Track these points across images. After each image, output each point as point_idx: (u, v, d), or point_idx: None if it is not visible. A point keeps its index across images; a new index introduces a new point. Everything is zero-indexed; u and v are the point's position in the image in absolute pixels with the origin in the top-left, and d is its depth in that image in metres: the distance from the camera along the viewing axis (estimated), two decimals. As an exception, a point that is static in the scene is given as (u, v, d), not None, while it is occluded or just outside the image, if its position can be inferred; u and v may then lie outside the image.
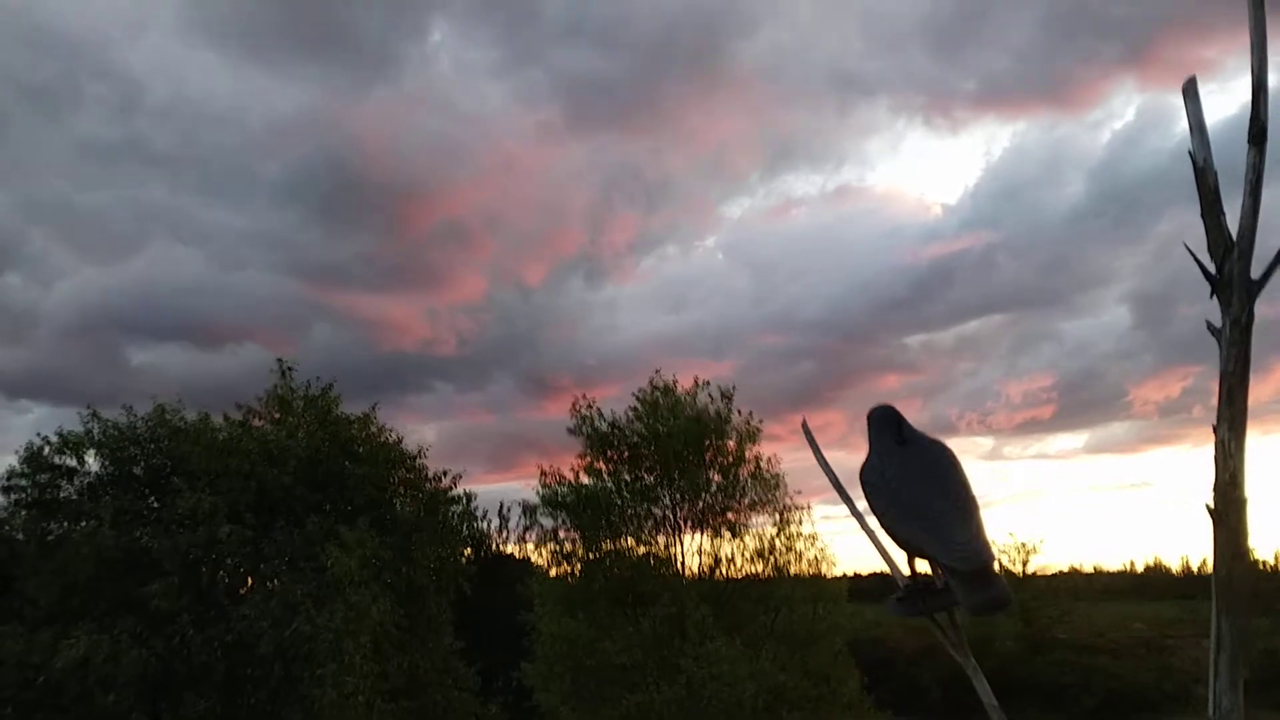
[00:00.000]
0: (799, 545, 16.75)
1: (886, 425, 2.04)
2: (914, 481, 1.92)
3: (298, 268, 51.22)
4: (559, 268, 55.72)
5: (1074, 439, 68.27)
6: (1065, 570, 27.21)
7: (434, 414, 48.19)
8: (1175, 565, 45.76)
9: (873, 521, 2.02)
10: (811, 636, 15.68)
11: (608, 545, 16.99)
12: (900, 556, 2.03)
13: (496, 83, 52.81)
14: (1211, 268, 1.69)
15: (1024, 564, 25.67)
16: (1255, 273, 1.70)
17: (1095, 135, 55.83)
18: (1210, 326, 1.71)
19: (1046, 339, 55.67)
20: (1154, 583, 41.88)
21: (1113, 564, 46.93)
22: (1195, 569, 44.46)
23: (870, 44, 53.04)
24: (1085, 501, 60.12)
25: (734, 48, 52.66)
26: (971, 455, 69.08)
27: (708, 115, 53.28)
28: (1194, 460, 59.53)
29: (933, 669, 21.38)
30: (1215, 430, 1.68)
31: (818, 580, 16.65)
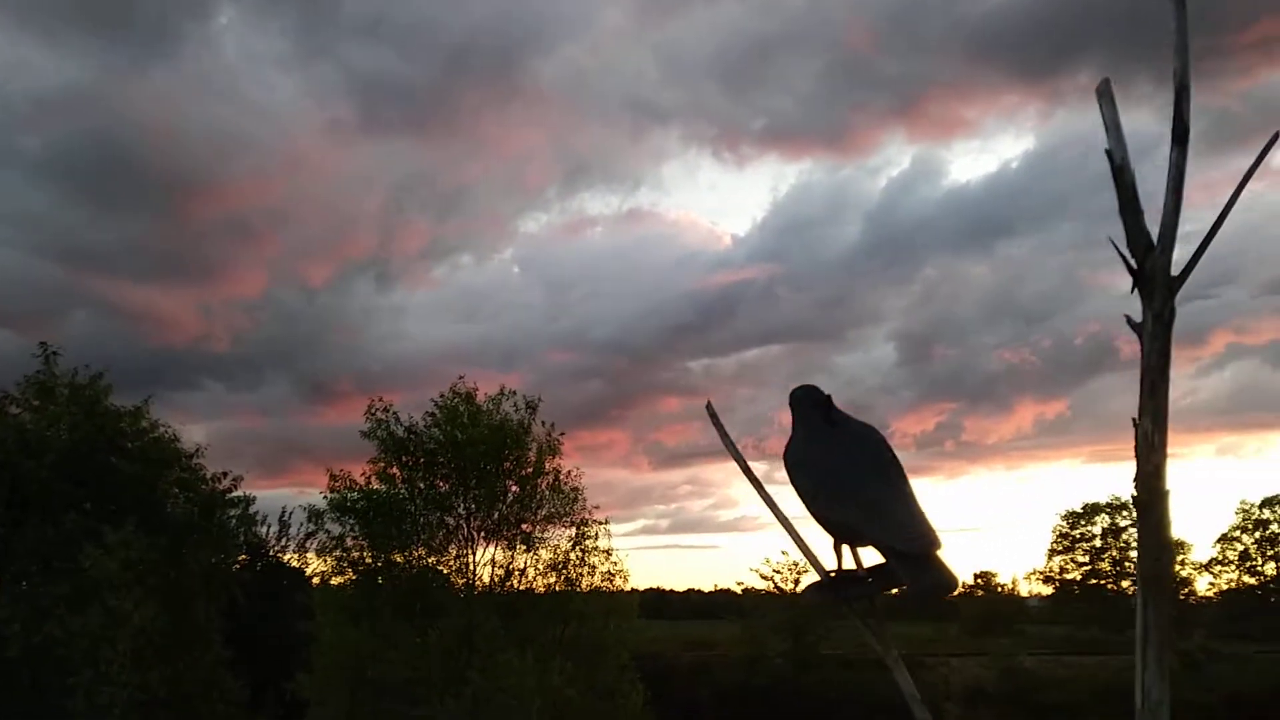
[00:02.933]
0: (593, 559, 16.78)
1: (813, 405, 1.95)
2: (848, 463, 1.82)
3: (56, 250, 47.13)
4: (346, 270, 53.96)
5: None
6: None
7: (203, 413, 45.44)
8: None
9: (790, 507, 1.96)
10: (600, 651, 15.70)
11: (397, 554, 16.46)
12: (820, 543, 1.95)
13: (286, 75, 50.73)
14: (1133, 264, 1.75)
15: (795, 582, 26.77)
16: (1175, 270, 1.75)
17: (873, 180, 59.57)
18: (1130, 321, 1.72)
19: (821, 370, 58.56)
20: (911, 605, 44.73)
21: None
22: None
23: (666, 74, 54.59)
24: (850, 525, 63.29)
25: (533, 64, 52.91)
26: (746, 479, 71.71)
27: (505, 128, 53.19)
28: (946, 490, 63.75)
29: (709, 684, 21.91)
30: (1136, 423, 1.66)
31: (610, 594, 16.71)
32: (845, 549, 1.87)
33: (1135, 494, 1.66)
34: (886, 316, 59.44)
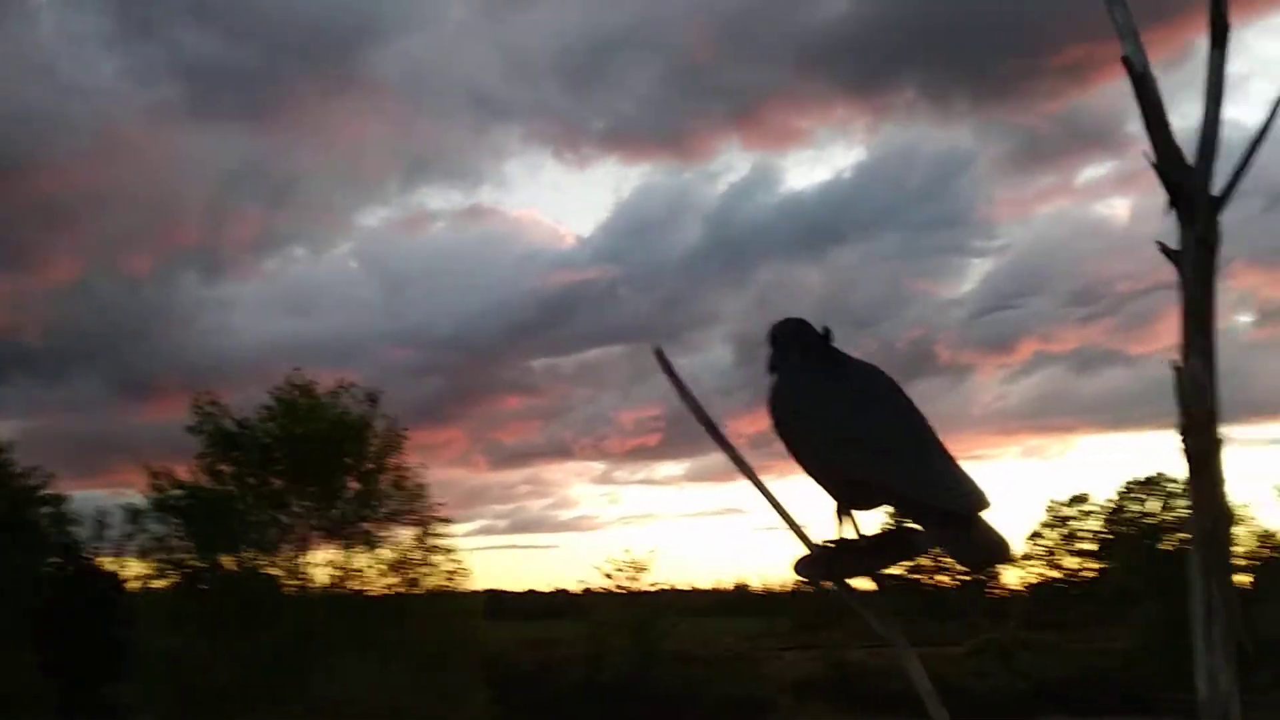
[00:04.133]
0: (436, 559, 16.37)
1: (806, 340, 1.63)
2: (864, 407, 1.51)
3: None
4: (170, 260, 50.92)
5: (677, 466, 72.88)
6: (669, 588, 28.87)
7: (12, 410, 41.99)
8: (757, 584, 50.31)
9: (784, 469, 1.65)
10: (443, 652, 15.33)
11: (227, 555, 15.63)
12: (806, 509, 1.68)
13: (107, 54, 47.53)
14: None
15: (636, 580, 26.91)
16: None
17: (713, 185, 60.44)
18: (1165, 250, 1.54)
19: (659, 371, 58.90)
20: (740, 600, 45.72)
21: (706, 582, 50.57)
22: (774, 588, 49.23)
23: (507, 70, 54.03)
24: (686, 525, 64.44)
25: (371, 54, 51.41)
26: (585, 478, 71.69)
27: (341, 118, 51.45)
28: (779, 488, 65.41)
29: (552, 684, 21.76)
30: (1181, 365, 1.49)
31: (453, 595, 16.36)
32: (848, 516, 1.58)
33: (1184, 446, 1.47)
34: (724, 319, 60.49)
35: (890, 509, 1.50)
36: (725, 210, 53.10)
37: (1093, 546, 35.87)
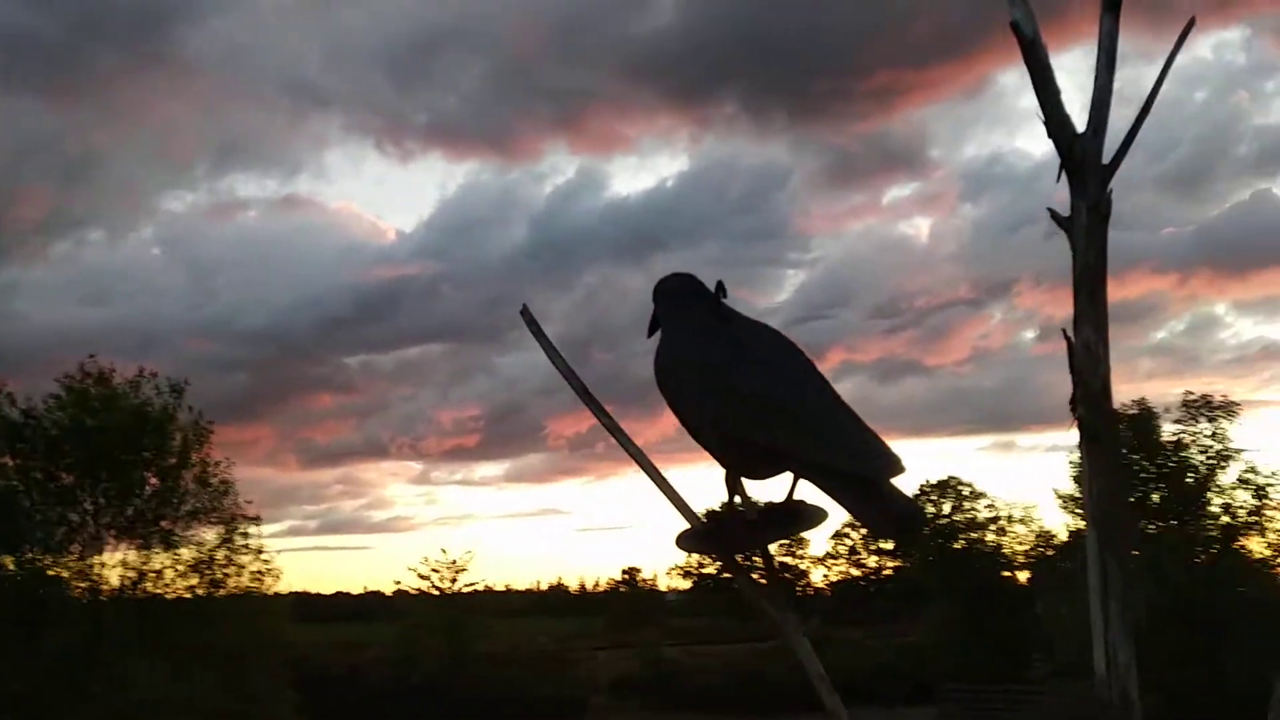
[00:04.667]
0: (242, 559, 15.59)
1: (694, 297, 1.52)
2: (763, 365, 1.39)
3: None
4: (-56, 241, 46.72)
5: (496, 467, 72.37)
6: (484, 589, 28.56)
7: None
8: (574, 585, 50.49)
9: (675, 432, 1.49)
10: (248, 656, 14.61)
11: (8, 555, 14.41)
12: (686, 480, 1.59)
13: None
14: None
15: (452, 581, 26.46)
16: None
17: (539, 187, 60.50)
18: (1056, 217, 1.51)
19: (480, 371, 58.48)
20: (557, 600, 45.82)
21: (523, 583, 50.34)
22: (589, 588, 49.53)
23: (329, 58, 52.46)
24: (504, 526, 63.95)
25: (180, 32, 48.86)
26: (402, 479, 70.06)
27: (148, 97, 48.59)
28: (597, 490, 65.95)
29: (362, 688, 21.13)
30: (1071, 335, 1.45)
31: (259, 597, 15.62)
32: (739, 484, 1.49)
33: (1078, 418, 1.43)
34: (548, 320, 59.99)
35: (791, 474, 1.42)
36: (551, 212, 53.22)
37: (891, 545, 37.75)
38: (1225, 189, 49.60)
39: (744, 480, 1.49)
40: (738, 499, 1.50)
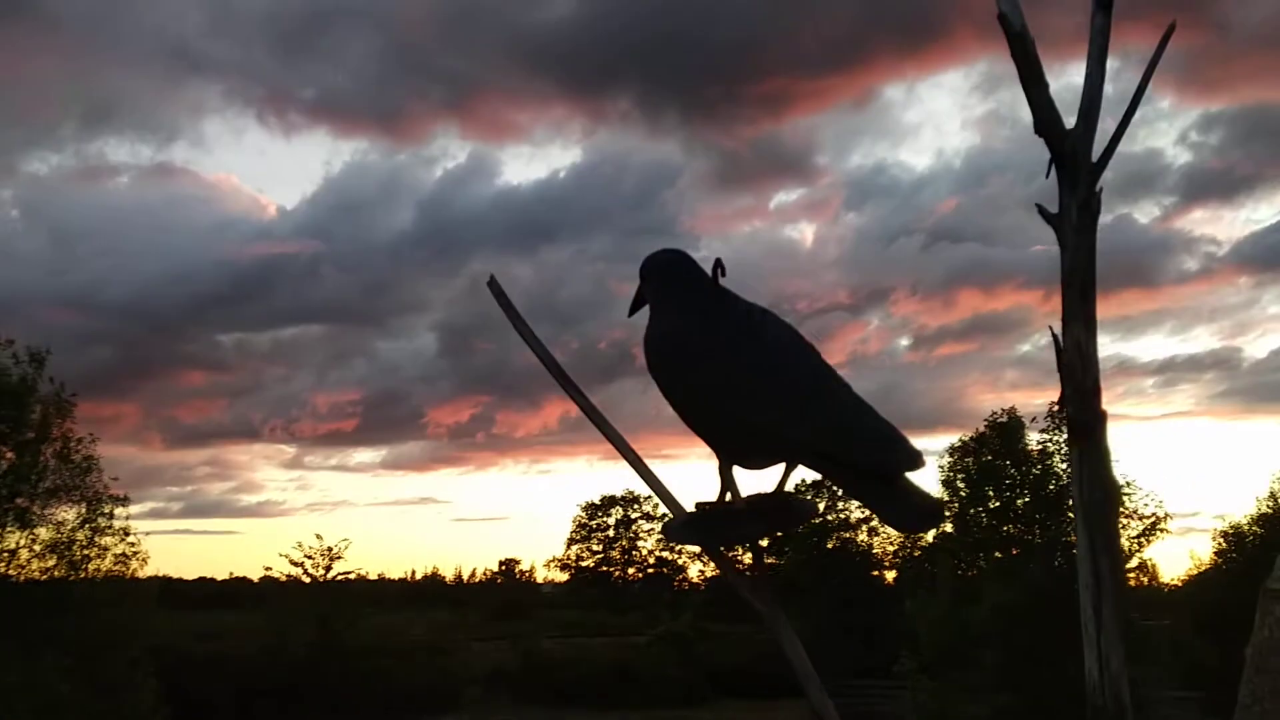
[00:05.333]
0: (106, 540, 14.89)
1: (689, 275, 1.46)
2: (770, 351, 1.31)
3: None
4: None
5: (373, 454, 71.01)
6: (356, 577, 27.93)
7: None
8: (450, 575, 49.88)
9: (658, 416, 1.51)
10: (108, 643, 13.97)
11: None
12: (670, 468, 1.57)
13: None
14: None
15: (327, 569, 25.82)
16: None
17: (429, 170, 59.49)
18: (1045, 213, 1.46)
19: (360, 355, 57.26)
20: (430, 591, 45.14)
21: (397, 572, 49.43)
22: (466, 578, 49.00)
23: (211, 22, 50.49)
24: (380, 514, 62.77)
25: (46, -17, 46.41)
26: (273, 462, 68.05)
27: (7, 52, 45.97)
28: (476, 480, 65.27)
29: (227, 677, 20.45)
30: (1060, 334, 1.42)
31: (123, 581, 14.95)
32: (731, 474, 1.41)
33: (1070, 417, 1.42)
34: (432, 307, 59.58)
35: (782, 466, 1.38)
36: (440, 197, 52.38)
37: (766, 542, 38.50)
38: (1091, 211, 51.92)
39: (736, 470, 1.43)
40: (730, 489, 1.43)
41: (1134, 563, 23.18)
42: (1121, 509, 18.38)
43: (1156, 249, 43.52)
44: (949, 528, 19.23)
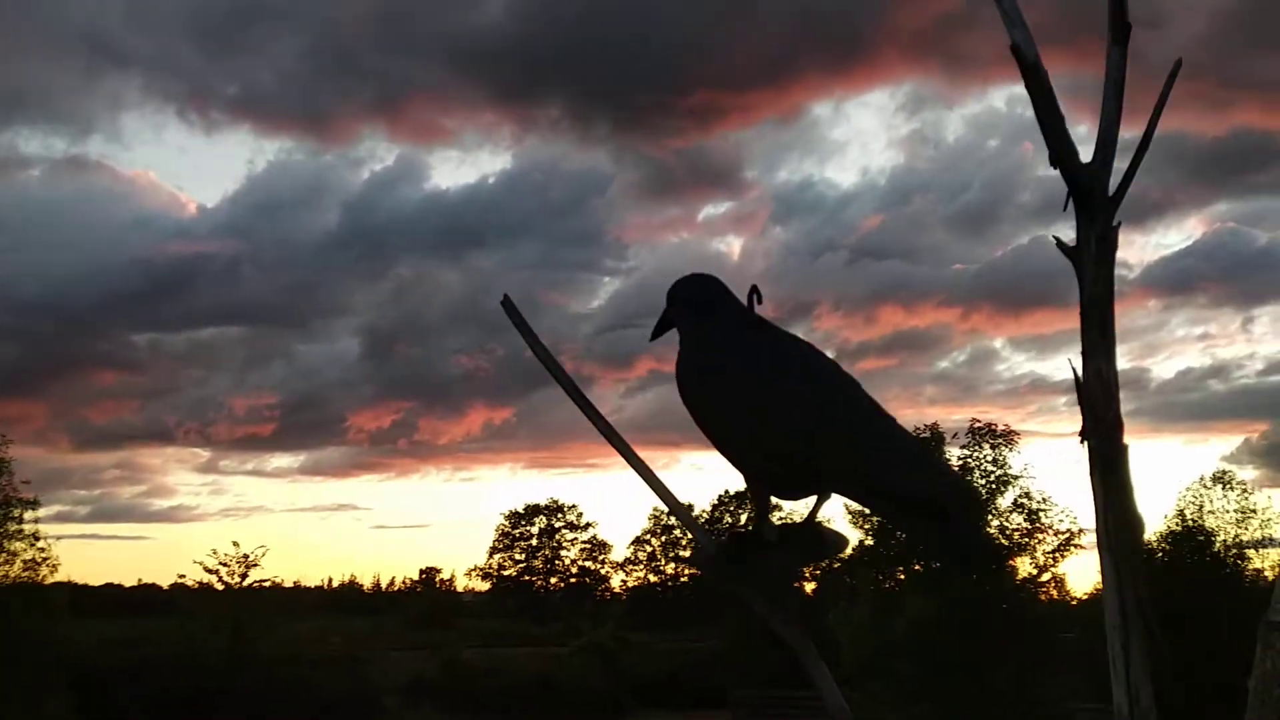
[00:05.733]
0: (15, 545, 14.40)
1: (724, 300, 1.43)
2: (815, 383, 1.30)
3: None
4: None
5: (291, 459, 69.64)
6: (274, 584, 27.36)
7: None
8: (367, 582, 49.08)
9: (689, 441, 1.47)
10: (17, 652, 13.52)
11: None
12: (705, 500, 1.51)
13: None
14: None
15: (243, 576, 25.26)
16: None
17: (356, 172, 58.80)
18: (1063, 246, 1.45)
19: (280, 357, 56.24)
20: (348, 599, 44.38)
21: (314, 580, 48.39)
22: (385, 586, 48.31)
23: (131, 14, 49.21)
24: (297, 520, 61.49)
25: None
26: (187, 466, 66.32)
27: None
28: (398, 487, 64.49)
29: (140, 686, 19.85)
30: (1081, 365, 1.39)
31: (32, 587, 14.48)
32: (766, 504, 1.40)
33: (1092, 449, 1.38)
34: (356, 310, 58.82)
35: (829, 494, 1.36)
36: (367, 199, 51.74)
37: (688, 553, 38.75)
38: (1008, 232, 53.56)
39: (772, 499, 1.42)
40: (763, 519, 1.41)
41: (1046, 577, 23.93)
42: (1036, 525, 18.94)
43: (1070, 271, 44.73)
44: (869, 540, 19.57)
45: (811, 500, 1.41)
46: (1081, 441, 1.38)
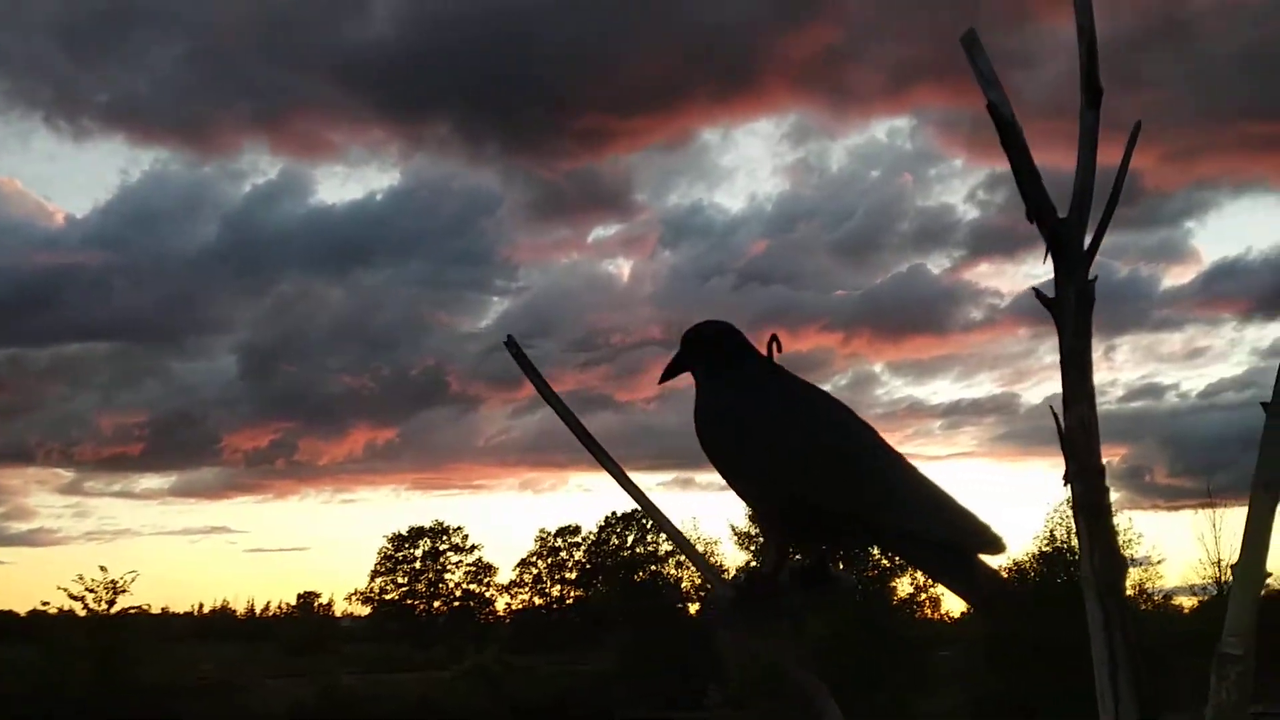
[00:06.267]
0: None
1: (741, 348, 1.46)
2: (839, 431, 1.33)
3: None
4: None
5: (162, 480, 66.65)
6: (143, 610, 26.22)
7: None
8: (241, 608, 47.29)
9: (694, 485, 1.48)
10: None
11: None
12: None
13: None
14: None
15: (110, 603, 24.14)
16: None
17: (236, 185, 56.92)
18: (1043, 298, 1.49)
19: (152, 375, 53.89)
20: (220, 625, 42.69)
21: (185, 605, 46.21)
22: (259, 611, 46.62)
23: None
24: (167, 543, 58.74)
25: None
26: (48, 487, 62.98)
27: None
28: (275, 509, 62.41)
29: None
30: (1062, 416, 1.43)
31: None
32: (783, 547, 1.43)
33: (1076, 496, 1.43)
34: (234, 326, 56.80)
35: (862, 540, 1.39)
36: (247, 213, 49.99)
37: (574, 575, 38.59)
38: (888, 259, 55.11)
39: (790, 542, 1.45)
40: (776, 562, 1.43)
41: (922, 597, 24.72)
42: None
43: (946, 298, 46.48)
44: (755, 563, 19.91)
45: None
46: (1065, 484, 1.45)
